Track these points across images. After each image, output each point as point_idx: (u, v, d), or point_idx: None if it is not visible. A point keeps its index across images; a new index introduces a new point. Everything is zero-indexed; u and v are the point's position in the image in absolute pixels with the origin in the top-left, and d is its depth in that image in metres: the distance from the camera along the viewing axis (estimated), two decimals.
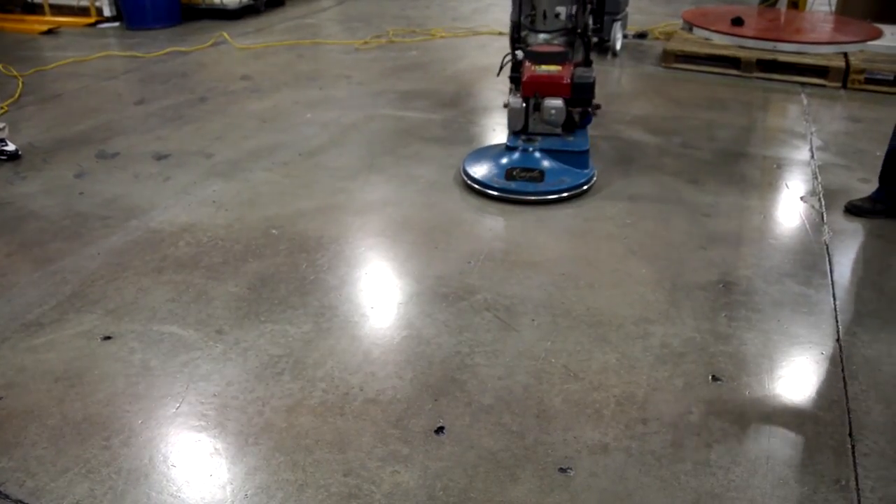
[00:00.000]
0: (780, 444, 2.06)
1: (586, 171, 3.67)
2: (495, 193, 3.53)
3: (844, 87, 5.34)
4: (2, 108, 4.90)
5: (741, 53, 5.64)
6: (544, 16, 3.82)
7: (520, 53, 3.82)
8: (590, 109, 3.79)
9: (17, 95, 5.18)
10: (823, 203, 3.51)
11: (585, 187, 3.60)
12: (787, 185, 3.74)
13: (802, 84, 5.41)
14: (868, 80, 5.30)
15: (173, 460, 2.03)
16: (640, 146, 4.26)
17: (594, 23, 4.02)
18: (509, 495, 1.90)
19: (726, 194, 3.62)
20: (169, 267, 2.99)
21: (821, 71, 5.42)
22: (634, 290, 2.81)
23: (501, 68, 3.96)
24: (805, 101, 5.06)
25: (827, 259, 3.02)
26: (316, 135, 4.45)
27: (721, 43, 5.95)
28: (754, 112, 4.89)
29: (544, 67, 3.59)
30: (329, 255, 3.07)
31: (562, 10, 3.76)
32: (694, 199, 3.56)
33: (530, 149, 3.68)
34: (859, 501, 1.88)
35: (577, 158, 3.67)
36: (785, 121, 4.77)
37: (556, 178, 3.56)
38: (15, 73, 5.63)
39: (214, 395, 2.27)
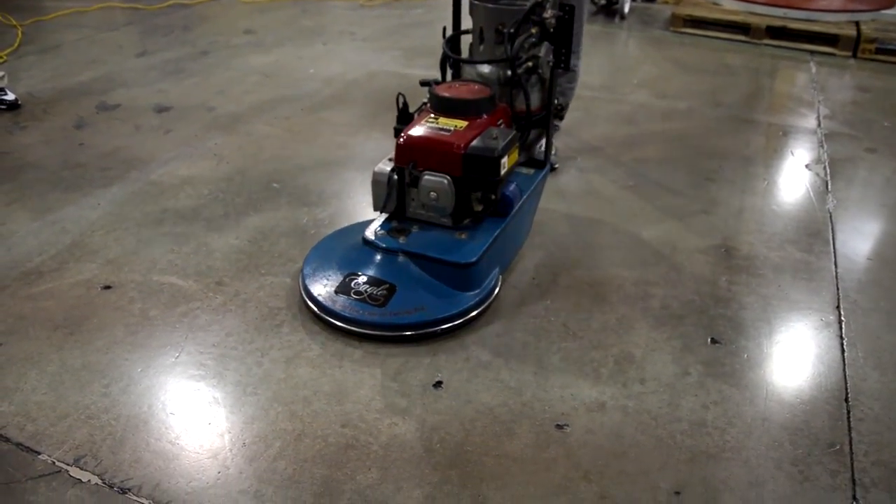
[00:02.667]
0: (776, 408, 2.07)
1: (469, 294, 2.36)
2: (319, 313, 2.36)
3: (854, 56, 5.28)
4: (1, 57, 4.85)
5: (751, 19, 5.57)
6: (481, 37, 2.57)
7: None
8: (493, 196, 2.36)
9: (16, 45, 5.12)
10: (828, 172, 3.49)
11: (447, 325, 2.30)
12: (792, 152, 3.71)
13: (812, 52, 5.35)
14: (879, 50, 5.24)
15: (172, 408, 2.03)
16: (645, 109, 4.22)
17: (555, 55, 2.57)
18: (505, 449, 1.91)
19: (730, 160, 3.59)
20: (169, 219, 2.98)
21: (831, 39, 5.36)
22: (635, 252, 2.80)
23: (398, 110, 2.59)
24: (814, 70, 5.01)
25: (830, 227, 3.01)
26: (318, 90, 4.41)
27: (731, 8, 5.87)
28: (762, 79, 4.85)
29: (442, 121, 2.40)
30: (330, 209, 3.06)
31: (506, 31, 2.46)
32: (697, 164, 3.54)
33: (393, 248, 2.41)
34: (852, 465, 1.89)
35: (457, 274, 2.34)
36: (793, 88, 4.73)
37: (406, 304, 2.29)
38: (14, 22, 5.55)
39: (214, 345, 2.27)
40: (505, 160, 2.32)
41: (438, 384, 2.12)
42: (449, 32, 2.70)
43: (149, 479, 1.81)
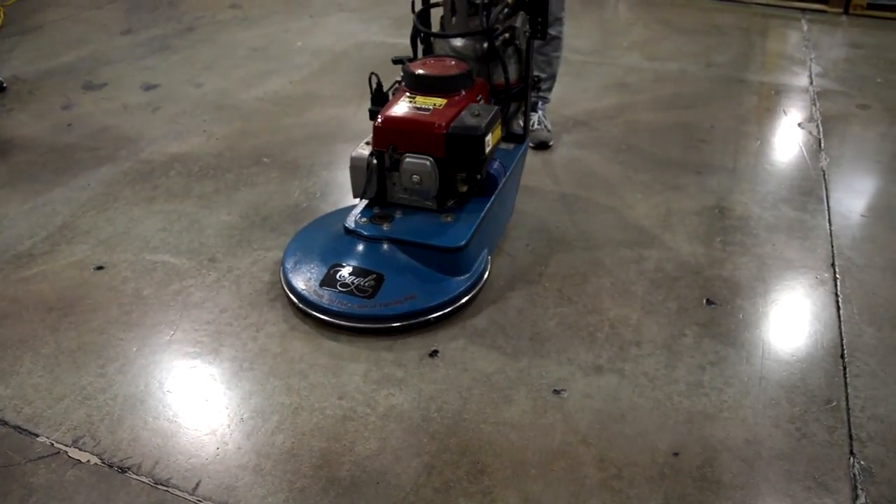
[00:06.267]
0: (772, 366, 2.08)
1: (460, 278, 2.28)
2: (304, 308, 2.26)
3: (846, 12, 5.23)
4: None
5: None
6: (452, 10, 2.45)
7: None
8: (478, 176, 2.32)
9: None
10: (821, 129, 3.47)
11: (441, 312, 2.22)
12: (784, 111, 3.69)
13: (803, 10, 5.29)
14: (871, 6, 5.19)
15: (169, 386, 2.03)
16: (636, 71, 4.19)
17: (532, 24, 2.48)
18: (503, 416, 1.91)
19: (723, 120, 3.57)
20: (160, 196, 2.96)
21: None
22: (628, 214, 2.79)
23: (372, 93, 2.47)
24: (805, 28, 4.96)
25: (824, 185, 2.99)
26: (307, 63, 4.37)
27: None
28: (753, 38, 4.80)
29: (420, 100, 2.31)
30: (321, 182, 3.04)
31: (481, 1, 2.37)
32: (689, 125, 3.52)
33: (377, 236, 2.31)
34: (849, 420, 1.90)
35: (446, 259, 2.26)
36: (784, 47, 4.69)
37: (396, 294, 2.20)
38: None
39: (208, 322, 2.26)
40: (489, 137, 2.23)
41: (434, 353, 2.12)
42: (418, 6, 2.59)
43: (148, 457, 1.81)
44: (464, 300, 2.27)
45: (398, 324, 2.18)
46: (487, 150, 2.23)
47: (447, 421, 1.90)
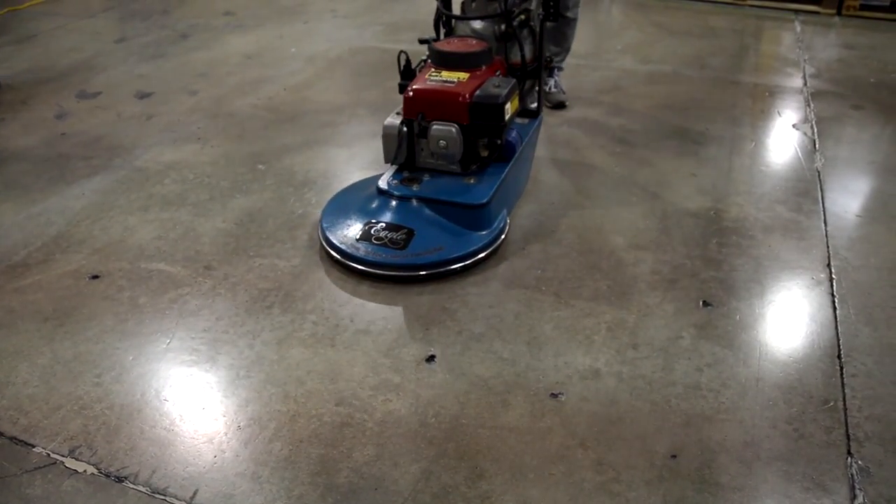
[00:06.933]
0: (769, 367, 2.08)
1: (482, 233, 2.54)
2: (343, 260, 2.50)
3: (839, 13, 5.24)
4: None
5: None
6: None
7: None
8: (498, 141, 2.60)
9: None
10: (816, 130, 3.47)
11: (466, 262, 2.47)
12: (779, 112, 3.70)
13: (796, 11, 5.31)
14: (863, 7, 5.20)
15: (166, 395, 2.03)
16: (631, 74, 4.19)
17: (545, 7, 2.72)
18: (501, 421, 1.91)
19: (717, 122, 3.58)
20: (155, 205, 2.95)
21: None
22: (625, 218, 2.79)
23: (401, 70, 2.79)
24: (799, 29, 4.98)
25: (818, 186, 3.00)
26: (301, 69, 4.37)
27: None
28: (747, 40, 4.82)
29: (445, 74, 2.58)
30: (317, 188, 3.04)
31: None
32: (684, 127, 3.52)
33: (408, 195, 2.59)
34: (846, 420, 1.90)
35: (470, 215, 2.53)
36: (778, 48, 4.70)
37: (426, 246, 2.46)
38: None
39: (205, 329, 2.26)
40: (508, 106, 2.50)
41: (431, 358, 2.12)
42: None
43: (145, 466, 1.80)
44: (488, 251, 2.52)
45: (431, 272, 2.43)
46: (507, 117, 2.51)
47: (445, 426, 1.90)
